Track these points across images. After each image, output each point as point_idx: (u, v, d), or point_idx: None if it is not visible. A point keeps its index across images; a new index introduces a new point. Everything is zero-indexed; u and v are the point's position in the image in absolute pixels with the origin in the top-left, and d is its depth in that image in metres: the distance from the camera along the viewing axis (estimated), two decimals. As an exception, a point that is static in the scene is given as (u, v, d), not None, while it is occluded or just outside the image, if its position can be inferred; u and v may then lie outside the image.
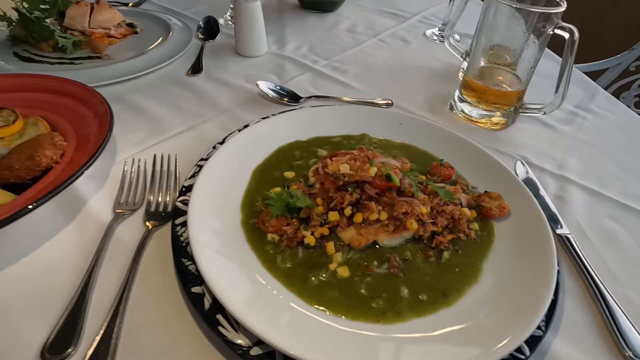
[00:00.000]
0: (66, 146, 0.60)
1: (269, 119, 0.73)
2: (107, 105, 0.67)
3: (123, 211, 0.59)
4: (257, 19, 1.01)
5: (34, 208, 0.48)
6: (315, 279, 0.49)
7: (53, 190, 0.50)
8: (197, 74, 0.96)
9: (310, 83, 0.97)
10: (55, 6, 0.98)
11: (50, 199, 0.50)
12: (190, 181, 0.62)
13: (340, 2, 1.39)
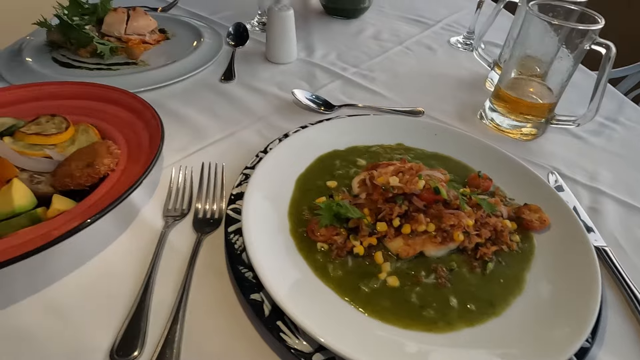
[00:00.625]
0: (120, 154, 0.62)
1: (309, 129, 0.75)
2: (155, 114, 0.69)
3: (172, 217, 0.62)
4: (289, 28, 1.03)
5: (99, 217, 0.50)
6: (366, 288, 0.50)
7: (116, 200, 0.52)
8: (229, 80, 0.99)
9: (341, 91, 0.99)
10: (95, 13, 1.01)
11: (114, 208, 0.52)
12: (237, 189, 0.64)
13: (365, 8, 1.40)
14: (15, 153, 0.59)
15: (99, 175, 0.58)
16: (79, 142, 0.68)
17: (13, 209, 0.52)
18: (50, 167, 0.61)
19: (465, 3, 1.64)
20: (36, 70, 0.92)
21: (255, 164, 0.69)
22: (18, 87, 0.74)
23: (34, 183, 0.58)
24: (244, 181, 0.65)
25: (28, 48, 1.00)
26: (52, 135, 0.66)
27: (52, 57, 0.98)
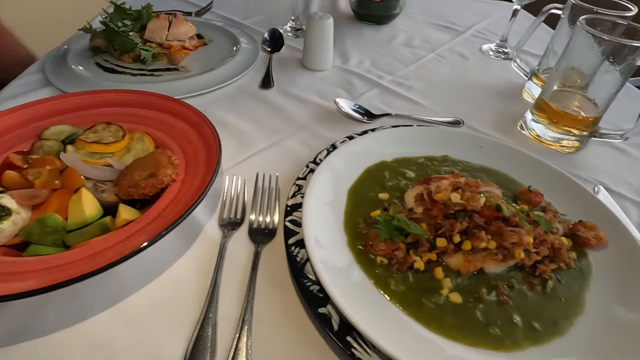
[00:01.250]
0: (179, 165, 0.63)
1: (356, 140, 0.76)
2: (210, 123, 0.70)
3: (228, 226, 0.63)
4: (328, 35, 1.04)
5: (172, 229, 0.51)
6: (430, 304, 0.51)
7: (185, 212, 0.53)
8: (268, 87, 1.00)
9: (379, 99, 0.99)
10: (139, 19, 1.03)
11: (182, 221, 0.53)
12: (292, 201, 0.65)
13: (395, 15, 1.40)
14: (82, 162, 0.61)
15: (161, 186, 0.59)
16: (135, 150, 0.69)
17: (85, 219, 0.53)
18: (112, 175, 0.62)
19: (494, 10, 1.64)
20: (82, 75, 0.94)
21: (307, 174, 0.70)
22: (73, 95, 0.76)
23: (99, 192, 0.60)
24: (298, 192, 0.66)
25: (71, 53, 1.02)
26: (110, 144, 0.67)
27: (95, 62, 1.00)
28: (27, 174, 0.55)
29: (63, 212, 0.55)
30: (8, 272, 0.47)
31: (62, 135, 0.69)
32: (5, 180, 0.56)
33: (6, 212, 0.53)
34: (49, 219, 0.52)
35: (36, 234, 0.52)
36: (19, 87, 0.92)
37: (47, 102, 0.73)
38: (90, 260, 0.49)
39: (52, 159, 0.60)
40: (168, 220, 0.54)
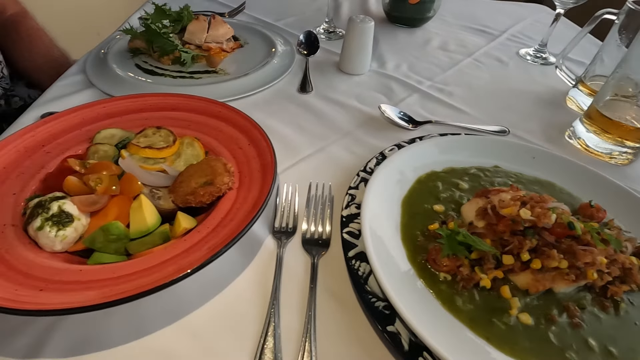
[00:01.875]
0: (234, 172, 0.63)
1: (406, 149, 0.74)
2: (261, 130, 0.69)
3: (281, 235, 0.62)
4: (368, 39, 1.02)
5: (236, 241, 0.50)
6: (501, 324, 0.50)
7: (249, 224, 0.52)
8: (307, 91, 0.98)
9: (420, 105, 0.98)
10: (180, 21, 1.02)
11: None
12: (347, 211, 0.63)
13: (429, 17, 1.38)
14: (140, 168, 0.60)
15: (219, 194, 0.59)
16: (185, 155, 0.69)
17: (147, 227, 0.53)
18: (167, 182, 0.62)
19: (526, 12, 1.60)
20: (123, 77, 0.94)
21: (358, 183, 0.69)
22: (121, 99, 0.75)
23: (155, 199, 0.59)
24: (352, 202, 0.65)
25: (111, 54, 1.02)
26: (163, 149, 0.66)
27: (135, 64, 1.00)
28: (89, 180, 0.55)
29: (122, 219, 0.55)
30: (75, 280, 0.47)
31: (113, 139, 0.69)
32: (66, 186, 0.56)
33: (69, 219, 0.53)
34: (113, 227, 0.51)
35: (100, 242, 0.51)
36: (62, 88, 0.92)
37: (96, 106, 0.73)
38: (155, 271, 0.48)
39: (108, 164, 0.59)
40: (229, 230, 0.53)
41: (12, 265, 0.48)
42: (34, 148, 0.65)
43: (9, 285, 0.45)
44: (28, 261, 0.49)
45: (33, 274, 0.47)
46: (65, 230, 0.52)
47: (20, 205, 0.57)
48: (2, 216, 0.54)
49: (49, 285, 0.46)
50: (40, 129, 0.67)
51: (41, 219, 0.51)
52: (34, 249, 0.51)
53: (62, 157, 0.65)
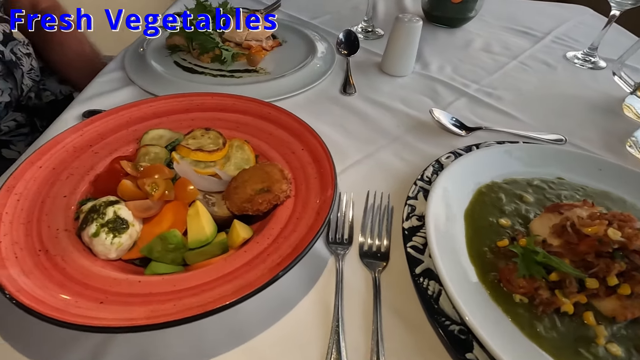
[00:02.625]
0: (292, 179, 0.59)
1: (465, 158, 0.70)
2: (315, 134, 0.66)
3: (337, 247, 0.58)
4: (414, 40, 0.98)
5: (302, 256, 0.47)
6: (589, 355, 0.45)
7: (314, 238, 0.49)
8: (350, 93, 0.95)
9: (470, 110, 0.93)
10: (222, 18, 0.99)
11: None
12: (408, 223, 0.60)
13: (470, 18, 1.33)
14: (195, 173, 0.58)
15: (277, 202, 0.55)
16: (235, 159, 0.66)
17: (206, 237, 0.50)
18: (220, 187, 0.59)
19: (569, 14, 1.53)
20: (163, 75, 0.91)
21: (417, 194, 0.65)
22: (167, 98, 0.73)
23: (210, 205, 0.56)
24: (412, 214, 0.61)
25: (149, 51, 1.00)
26: (213, 152, 0.64)
27: (173, 61, 0.98)
28: (144, 185, 0.52)
29: (177, 226, 0.52)
30: (135, 293, 0.44)
31: (161, 140, 0.66)
32: (121, 190, 0.53)
33: (125, 225, 0.50)
34: (171, 236, 0.49)
35: (157, 251, 0.49)
36: (101, 85, 0.90)
37: (143, 105, 0.70)
38: (217, 285, 0.45)
39: (161, 168, 0.57)
40: (291, 243, 0.50)
41: (69, 274, 0.45)
42: (82, 148, 0.62)
43: (70, 298, 0.42)
44: (85, 269, 0.46)
45: (91, 284, 0.45)
46: (121, 237, 0.49)
47: (71, 208, 0.54)
48: (55, 220, 0.52)
49: (108, 297, 0.43)
50: (88, 128, 0.65)
51: (96, 224, 0.49)
52: (89, 256, 0.49)
53: (110, 158, 0.63)
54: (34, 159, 0.57)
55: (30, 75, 1.02)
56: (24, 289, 0.42)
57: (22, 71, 0.97)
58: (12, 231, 0.48)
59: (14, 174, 0.54)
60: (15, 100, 0.94)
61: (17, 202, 0.52)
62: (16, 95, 0.93)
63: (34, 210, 0.52)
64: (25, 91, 0.97)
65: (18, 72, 0.94)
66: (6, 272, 0.43)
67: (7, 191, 0.52)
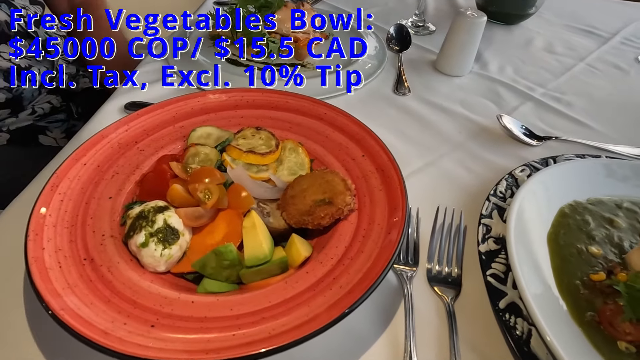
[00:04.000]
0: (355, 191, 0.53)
1: (543, 173, 0.62)
2: (379, 140, 0.59)
3: (403, 268, 0.52)
4: (476, 37, 0.90)
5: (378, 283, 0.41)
6: None
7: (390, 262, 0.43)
8: (404, 92, 0.87)
9: (537, 116, 0.84)
10: (268, 7, 0.93)
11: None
12: (484, 247, 0.53)
13: (529, 15, 1.22)
14: (250, 179, 0.52)
15: (340, 216, 0.49)
16: (288, 162, 0.60)
17: (265, 255, 0.44)
18: (275, 195, 0.54)
19: (637, 14, 1.40)
20: (206, 67, 0.86)
21: (491, 212, 0.58)
22: (216, 93, 0.67)
23: (264, 215, 0.51)
24: (488, 235, 0.54)
25: (191, 41, 0.95)
26: (266, 154, 0.58)
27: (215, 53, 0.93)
28: (196, 191, 0.47)
29: (232, 238, 0.47)
30: (188, 316, 0.39)
31: (209, 139, 0.61)
32: (171, 195, 0.48)
33: (175, 235, 0.45)
34: (227, 252, 0.43)
35: (211, 267, 0.44)
36: (143, 75, 0.86)
37: (191, 100, 0.65)
38: (279, 313, 0.40)
39: (212, 171, 0.51)
40: (361, 266, 0.44)
41: (116, 288, 0.41)
42: (128, 145, 0.58)
43: (118, 318, 0.37)
44: (133, 284, 0.42)
45: (141, 302, 0.40)
46: (171, 249, 0.44)
47: (118, 211, 0.50)
48: (100, 224, 0.47)
49: (160, 319, 0.38)
50: (134, 123, 0.60)
51: (145, 234, 0.44)
52: (136, 268, 0.44)
53: (156, 156, 0.58)
54: (78, 155, 0.53)
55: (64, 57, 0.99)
56: (69, 306, 0.37)
57: (58, 52, 0.94)
58: (56, 236, 0.44)
59: (57, 172, 0.50)
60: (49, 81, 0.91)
61: (60, 202, 0.48)
62: (51, 76, 0.91)
63: (78, 212, 0.48)
64: (60, 72, 0.94)
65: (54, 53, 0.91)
66: (50, 286, 0.39)
67: (51, 190, 0.48)
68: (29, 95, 0.88)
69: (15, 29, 0.81)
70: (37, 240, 0.42)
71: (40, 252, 0.41)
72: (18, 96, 0.86)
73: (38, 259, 0.40)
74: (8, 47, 0.82)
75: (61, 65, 0.96)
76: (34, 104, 0.91)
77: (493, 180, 0.66)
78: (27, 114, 0.89)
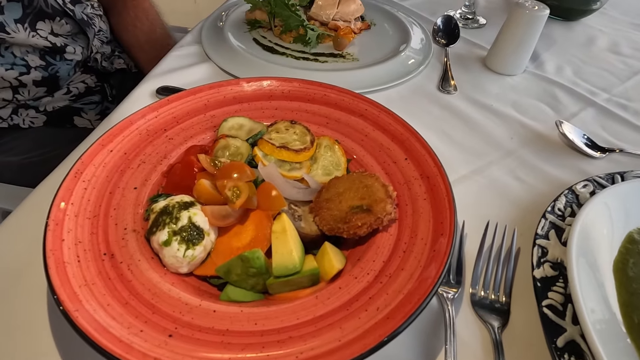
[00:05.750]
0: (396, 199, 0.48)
1: (610, 191, 0.54)
2: (423, 141, 0.53)
3: (445, 288, 0.47)
4: (535, 33, 0.81)
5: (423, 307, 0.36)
6: None
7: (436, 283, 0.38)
8: (450, 91, 0.81)
9: (600, 125, 0.76)
10: (309, -8, 0.88)
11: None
12: (540, 272, 0.47)
13: (592, 10, 1.11)
14: (282, 178, 0.48)
15: (378, 226, 0.45)
16: (323, 161, 0.56)
17: (295, 265, 0.40)
18: (308, 196, 0.49)
19: None
20: (241, 53, 0.82)
21: (547, 231, 0.51)
22: (249, 81, 0.63)
23: (295, 218, 0.47)
24: (544, 259, 0.48)
25: (227, 25, 0.91)
26: (300, 151, 0.54)
27: (253, 38, 0.89)
28: (224, 189, 0.44)
29: (260, 242, 0.43)
30: (209, 327, 0.36)
31: (241, 130, 0.57)
32: (197, 191, 0.45)
33: (200, 235, 0.42)
34: (254, 258, 0.39)
35: (236, 274, 0.40)
36: (176, 59, 0.83)
37: (223, 88, 0.62)
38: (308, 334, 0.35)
39: (242, 167, 0.48)
40: (400, 286, 0.39)
41: (135, 289, 0.38)
42: (156, 132, 0.55)
43: (135, 324, 0.35)
44: (153, 285, 0.39)
45: (160, 306, 0.37)
46: (195, 250, 0.41)
47: (142, 203, 0.47)
48: (123, 216, 0.45)
49: (178, 328, 0.35)
50: (164, 109, 0.57)
51: (168, 231, 0.41)
52: (157, 267, 0.41)
53: (185, 146, 0.55)
54: (105, 141, 0.51)
55: (99, 36, 0.97)
56: (84, 307, 0.35)
57: (94, 31, 0.93)
58: (77, 227, 0.42)
59: (82, 158, 0.47)
60: (83, 60, 0.90)
61: (84, 190, 0.45)
62: (85, 55, 0.90)
63: (102, 202, 0.45)
64: (94, 52, 0.93)
65: (90, 32, 0.90)
66: (66, 282, 0.36)
67: (75, 177, 0.46)
68: (64, 74, 0.87)
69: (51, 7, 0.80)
70: (56, 231, 0.40)
71: (59, 244, 0.39)
72: (54, 75, 0.85)
73: (56, 252, 0.38)
74: (45, 25, 0.81)
75: (96, 45, 0.95)
76: (69, 83, 0.90)
77: (548, 194, 0.59)
78: (62, 94, 0.89)
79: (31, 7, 0.78)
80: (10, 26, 0.76)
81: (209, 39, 0.87)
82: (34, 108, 0.85)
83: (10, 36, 0.76)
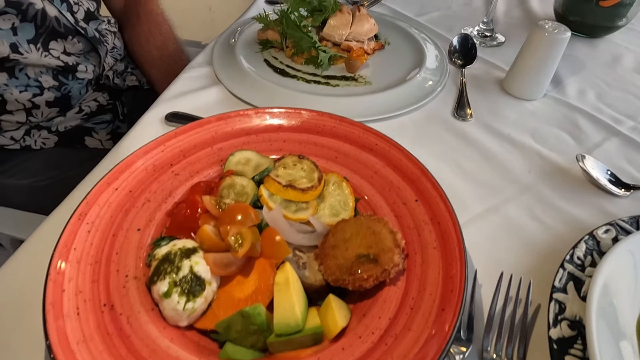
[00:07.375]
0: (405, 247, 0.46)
1: (635, 238, 0.51)
2: (435, 182, 0.51)
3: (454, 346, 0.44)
4: (556, 56, 0.78)
5: None
6: None
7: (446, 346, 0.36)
8: (465, 117, 0.78)
9: (625, 158, 0.72)
10: (322, 12, 0.86)
11: None
12: (556, 331, 0.44)
13: (617, 27, 1.06)
14: (287, 223, 0.47)
15: (385, 279, 0.43)
16: (330, 200, 0.54)
17: (297, 323, 0.39)
18: (313, 242, 0.48)
19: None
20: (253, 77, 0.80)
21: (565, 283, 0.49)
22: (260, 112, 0.62)
23: (300, 267, 0.45)
24: (561, 316, 0.45)
25: (239, 46, 0.90)
26: (307, 190, 0.52)
27: (264, 59, 0.88)
28: (227, 235, 0.43)
29: (262, 294, 0.42)
30: (206, 391, 0.35)
31: (248, 165, 0.56)
32: (200, 237, 0.44)
33: (201, 286, 0.41)
34: (256, 315, 0.38)
35: (236, 331, 0.39)
36: (187, 82, 0.83)
37: (231, 119, 0.61)
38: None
39: (247, 210, 0.46)
40: (407, 349, 0.37)
41: (134, 346, 0.37)
42: (163, 167, 0.54)
43: (130, 389, 0.34)
44: (151, 341, 0.38)
45: (157, 367, 0.36)
46: (195, 302, 0.40)
47: (145, 246, 0.46)
48: (125, 262, 0.44)
49: (175, 393, 0.34)
50: (171, 142, 0.57)
51: (169, 282, 0.40)
52: (157, 320, 0.40)
53: (190, 182, 0.54)
54: (111, 179, 0.50)
55: (112, 53, 0.98)
56: (80, 368, 0.34)
57: (107, 49, 0.93)
58: (79, 275, 0.41)
59: (87, 198, 0.47)
60: (95, 78, 0.90)
61: (87, 233, 0.45)
62: (97, 73, 0.90)
63: (104, 246, 0.45)
64: (106, 69, 0.93)
65: (102, 50, 0.90)
66: (64, 338, 0.35)
67: (79, 219, 0.45)
68: (76, 93, 0.88)
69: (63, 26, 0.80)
70: (57, 280, 0.39)
71: (59, 296, 0.38)
72: (66, 94, 0.86)
73: (56, 305, 0.38)
74: (57, 44, 0.81)
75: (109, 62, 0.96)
76: (81, 102, 0.91)
77: (567, 237, 0.56)
78: (74, 112, 0.90)
79: (44, 27, 0.79)
80: (23, 47, 0.76)
81: (220, 60, 0.87)
82: (46, 129, 0.86)
83: (23, 57, 0.77)
